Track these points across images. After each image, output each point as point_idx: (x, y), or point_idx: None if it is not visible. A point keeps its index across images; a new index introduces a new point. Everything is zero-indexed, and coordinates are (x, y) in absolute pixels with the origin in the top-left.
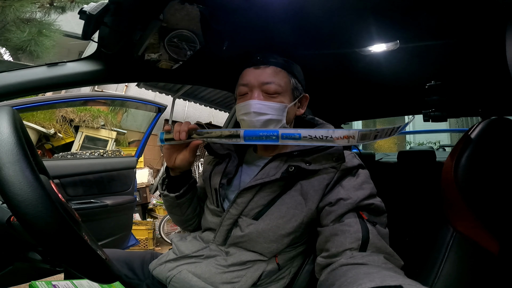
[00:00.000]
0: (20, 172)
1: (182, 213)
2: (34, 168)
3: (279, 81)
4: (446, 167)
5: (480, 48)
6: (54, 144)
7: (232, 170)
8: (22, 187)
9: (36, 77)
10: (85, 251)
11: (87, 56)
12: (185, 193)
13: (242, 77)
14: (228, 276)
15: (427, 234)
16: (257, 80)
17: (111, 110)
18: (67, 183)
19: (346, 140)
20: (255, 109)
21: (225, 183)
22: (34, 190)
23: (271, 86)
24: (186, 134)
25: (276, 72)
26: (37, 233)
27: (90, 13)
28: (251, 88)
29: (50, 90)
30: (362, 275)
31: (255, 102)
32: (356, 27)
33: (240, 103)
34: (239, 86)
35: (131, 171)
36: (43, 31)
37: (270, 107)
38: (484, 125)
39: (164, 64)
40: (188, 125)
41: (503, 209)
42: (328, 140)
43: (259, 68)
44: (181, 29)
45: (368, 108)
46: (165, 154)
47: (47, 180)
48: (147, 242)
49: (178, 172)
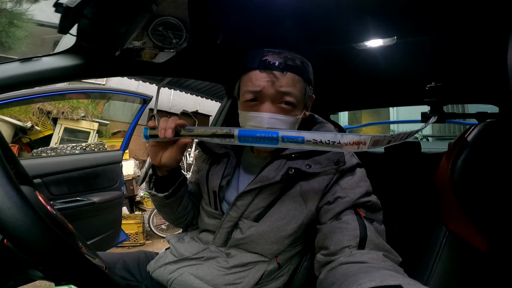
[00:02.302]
0: (6, 197)
1: (172, 212)
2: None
3: (296, 92)
4: (442, 169)
5: (477, 45)
6: (32, 137)
7: (230, 171)
8: (12, 214)
9: (8, 74)
10: (84, 265)
11: (65, 50)
12: (174, 193)
13: (252, 81)
14: (230, 277)
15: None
16: (271, 89)
17: (91, 100)
18: (50, 181)
19: (356, 146)
20: (268, 124)
21: (224, 186)
22: (25, 214)
23: (288, 98)
24: (172, 131)
25: (294, 81)
26: (32, 255)
27: (67, 6)
28: (263, 97)
29: (24, 88)
30: (362, 274)
31: (269, 117)
32: (354, 22)
33: (248, 113)
34: (246, 92)
35: (117, 166)
36: (14, 21)
37: (285, 122)
38: (480, 128)
39: (147, 55)
40: (175, 121)
41: (494, 210)
42: (336, 145)
43: (274, 74)
44: (167, 16)
45: (359, 99)
46: (149, 152)
47: (32, 192)
48: (137, 237)
49: (165, 171)
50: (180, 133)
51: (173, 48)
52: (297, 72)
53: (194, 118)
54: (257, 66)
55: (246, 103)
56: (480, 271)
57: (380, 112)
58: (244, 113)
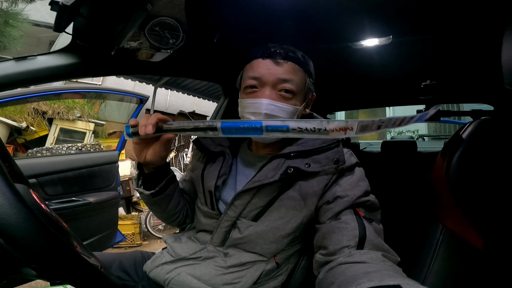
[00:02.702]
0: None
1: (162, 210)
2: (13, 187)
3: (296, 81)
4: (438, 166)
5: (472, 44)
6: (27, 138)
7: (226, 170)
8: (5, 210)
9: (3, 73)
10: (79, 264)
11: (61, 48)
12: (162, 190)
13: (253, 68)
14: (228, 277)
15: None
16: (272, 76)
17: (87, 100)
18: (45, 181)
19: (343, 132)
20: (267, 111)
21: (220, 185)
22: (18, 211)
23: (288, 85)
24: (153, 127)
25: (295, 69)
26: (26, 253)
27: (63, 4)
28: (263, 83)
29: (19, 87)
30: (361, 274)
31: (268, 103)
32: (350, 21)
33: (247, 99)
34: (247, 78)
35: (113, 166)
36: (9, 21)
37: (283, 109)
38: (475, 125)
39: (144, 55)
40: (157, 117)
41: (490, 207)
42: (322, 132)
43: (275, 61)
44: (164, 17)
45: (356, 98)
46: (134, 149)
47: (27, 190)
48: (134, 237)
49: (151, 168)
50: (162, 128)
51: (170, 48)
52: (298, 63)
53: (191, 118)
54: (260, 55)
55: (246, 89)
56: (476, 268)
57: (376, 112)
58: (243, 100)
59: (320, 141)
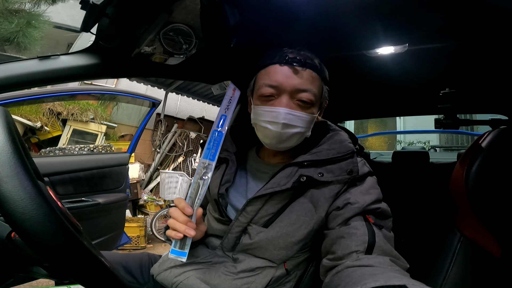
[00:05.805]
0: (21, 187)
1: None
2: (35, 181)
3: (315, 90)
4: (457, 174)
5: (494, 51)
6: (41, 138)
7: (230, 178)
8: (25, 204)
9: (27, 71)
10: (94, 264)
11: (83, 49)
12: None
13: (269, 75)
14: (237, 282)
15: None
16: (290, 84)
17: (101, 103)
18: (57, 181)
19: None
20: (285, 120)
21: (224, 193)
22: (39, 206)
23: (306, 95)
24: (193, 230)
25: (313, 78)
26: (46, 251)
27: (93, 3)
28: (281, 92)
29: (42, 85)
30: (367, 276)
31: (286, 112)
32: (365, 29)
33: (263, 107)
34: (263, 85)
35: (123, 168)
36: (32, 22)
37: (302, 119)
38: (495, 134)
39: (158, 59)
40: (184, 219)
41: (508, 216)
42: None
43: (293, 68)
44: (178, 23)
45: (369, 107)
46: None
47: (45, 187)
48: (138, 240)
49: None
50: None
51: (183, 54)
52: (316, 70)
53: (200, 124)
54: (277, 61)
55: (261, 97)
56: (493, 276)
57: (386, 122)
58: (258, 108)
59: (335, 151)
